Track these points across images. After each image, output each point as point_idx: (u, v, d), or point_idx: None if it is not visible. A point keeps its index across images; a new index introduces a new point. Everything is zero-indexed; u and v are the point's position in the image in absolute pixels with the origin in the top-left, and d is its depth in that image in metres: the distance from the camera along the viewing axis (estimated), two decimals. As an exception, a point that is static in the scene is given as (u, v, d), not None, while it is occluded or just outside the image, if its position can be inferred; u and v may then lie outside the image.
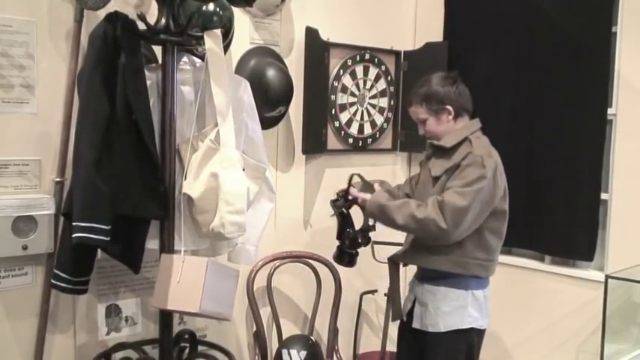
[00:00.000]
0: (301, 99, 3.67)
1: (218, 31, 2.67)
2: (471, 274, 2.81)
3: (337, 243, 3.01)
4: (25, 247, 2.70)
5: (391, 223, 2.77)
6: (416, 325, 2.93)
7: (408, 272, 3.63)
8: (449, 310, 2.85)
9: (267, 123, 3.36)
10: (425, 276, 2.94)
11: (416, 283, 2.99)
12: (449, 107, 2.85)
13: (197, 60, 2.84)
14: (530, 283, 3.88)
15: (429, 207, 2.67)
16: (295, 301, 3.86)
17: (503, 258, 3.77)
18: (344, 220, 2.97)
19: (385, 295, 3.21)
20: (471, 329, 2.87)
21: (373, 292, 4.07)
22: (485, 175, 2.68)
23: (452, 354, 2.87)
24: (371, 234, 3.01)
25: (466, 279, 2.83)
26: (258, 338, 3.52)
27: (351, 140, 4.04)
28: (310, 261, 3.70)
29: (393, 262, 3.03)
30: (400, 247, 3.06)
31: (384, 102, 4.18)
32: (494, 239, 2.84)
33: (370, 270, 3.78)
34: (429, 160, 2.96)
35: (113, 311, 3.07)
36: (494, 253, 2.86)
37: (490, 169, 2.70)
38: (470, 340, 2.89)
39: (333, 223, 3.09)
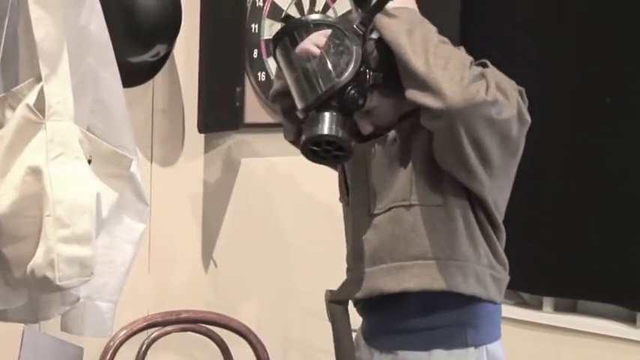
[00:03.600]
0: (196, 31, 2.92)
1: None
2: (487, 297, 2.07)
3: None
4: None
5: (417, 44, 2.01)
6: None
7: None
8: None
9: (134, 75, 2.74)
10: (399, 330, 2.08)
11: (373, 352, 2.15)
12: None
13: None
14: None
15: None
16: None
17: (563, 319, 3.10)
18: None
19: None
20: None
21: None
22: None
23: None
24: None
25: (472, 319, 2.04)
26: None
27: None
28: (214, 329, 2.76)
29: (339, 304, 2.20)
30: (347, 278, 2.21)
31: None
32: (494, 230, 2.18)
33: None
34: None
35: None
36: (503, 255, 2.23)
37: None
38: None
39: (253, 260, 2.81)
